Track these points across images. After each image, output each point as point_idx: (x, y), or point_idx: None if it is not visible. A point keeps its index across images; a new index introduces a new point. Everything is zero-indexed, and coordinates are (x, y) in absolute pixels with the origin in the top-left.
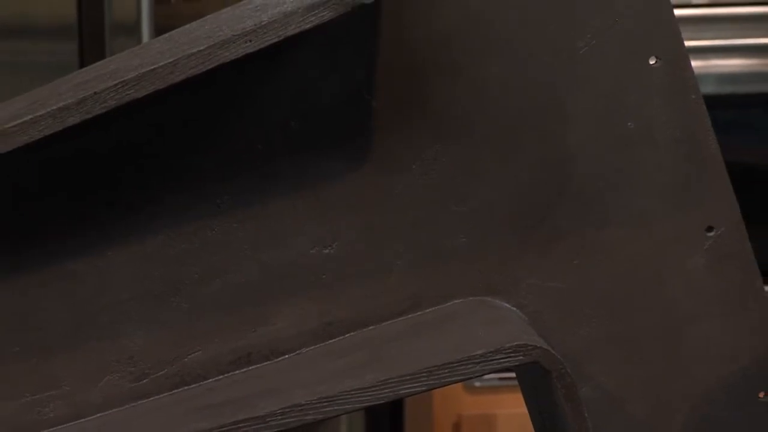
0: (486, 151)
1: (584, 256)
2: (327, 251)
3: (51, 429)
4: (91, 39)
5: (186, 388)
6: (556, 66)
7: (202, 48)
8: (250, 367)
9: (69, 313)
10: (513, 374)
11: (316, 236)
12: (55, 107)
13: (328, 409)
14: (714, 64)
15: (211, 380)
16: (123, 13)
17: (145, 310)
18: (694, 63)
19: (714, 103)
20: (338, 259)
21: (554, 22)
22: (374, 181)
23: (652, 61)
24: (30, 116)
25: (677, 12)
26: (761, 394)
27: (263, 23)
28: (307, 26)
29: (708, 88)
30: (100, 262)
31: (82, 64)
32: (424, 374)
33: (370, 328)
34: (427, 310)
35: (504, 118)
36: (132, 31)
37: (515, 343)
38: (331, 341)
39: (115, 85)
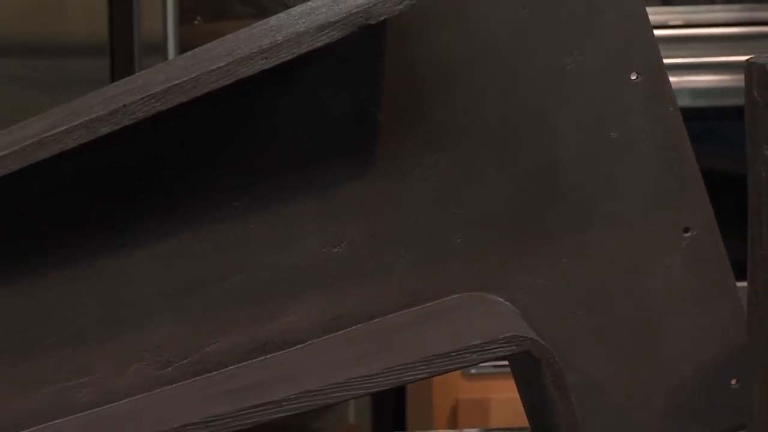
0: (481, 159)
1: (571, 255)
2: (335, 250)
3: (84, 413)
4: (122, 57)
5: (207, 375)
6: (545, 81)
7: (222, 64)
8: (266, 356)
9: (100, 308)
10: (506, 362)
11: (325, 237)
12: (87, 118)
13: (337, 394)
14: (688, 79)
15: (230, 368)
16: (151, 33)
17: (169, 305)
18: (671, 78)
19: (689, 115)
20: (345, 258)
21: (544, 42)
22: (378, 187)
23: (633, 77)
24: (65, 126)
25: (656, 32)
26: (733, 382)
27: (278, 42)
28: (318, 45)
29: (683, 102)
30: (128, 261)
31: (113, 79)
32: (426, 363)
33: (375, 320)
34: (428, 304)
35: (498, 129)
36: (159, 49)
37: (508, 335)
38: (339, 333)
39: (143, 98)
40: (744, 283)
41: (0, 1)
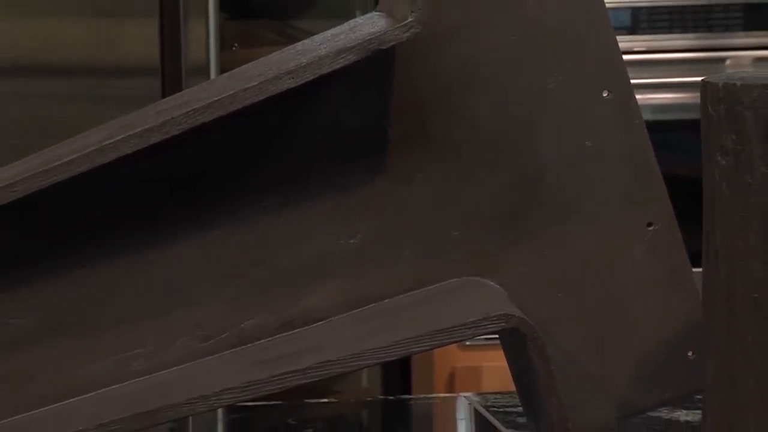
0: (475, 166)
1: (551, 247)
2: (351, 242)
3: (137, 379)
4: (171, 78)
5: (243, 347)
6: (530, 99)
7: (255, 83)
8: (293, 331)
9: (151, 290)
10: (497, 336)
11: (342, 231)
12: (141, 129)
13: (353, 363)
14: (651, 97)
15: (262, 341)
16: (196, 57)
17: (210, 288)
18: (637, 96)
19: (652, 127)
20: (359, 249)
21: (529, 65)
22: (387, 189)
23: (605, 94)
24: (121, 136)
25: (624, 56)
26: (690, 353)
27: (302, 64)
28: (337, 66)
29: (647, 116)
30: (175, 251)
31: (163, 97)
32: (428, 336)
33: (385, 301)
34: (429, 287)
35: (489, 141)
36: (203, 71)
37: (499, 313)
38: (354, 311)
39: (188, 112)
40: (699, 270)
41: (69, 31)
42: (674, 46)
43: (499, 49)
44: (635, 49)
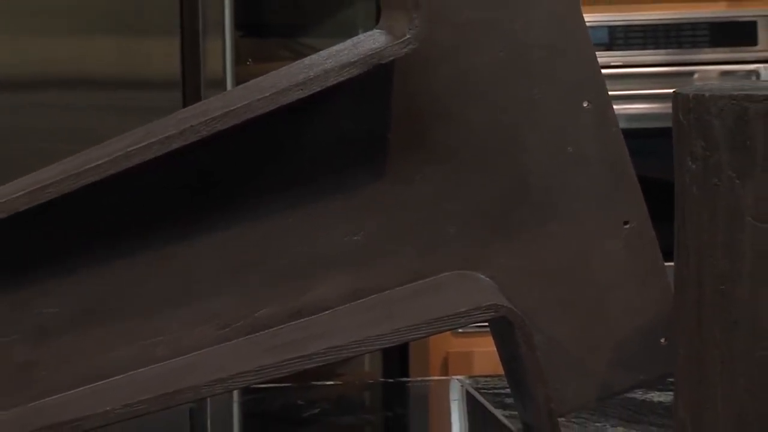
0: (468, 169)
1: (537, 242)
2: (355, 238)
3: (160, 363)
4: (191, 90)
5: (256, 334)
6: (518, 109)
7: (267, 94)
8: (301, 320)
9: (173, 283)
10: (487, 324)
11: (347, 228)
12: (162, 136)
13: (357, 349)
14: (627, 107)
15: (274, 329)
16: (213, 71)
17: (227, 281)
18: (614, 106)
19: (627, 134)
20: (363, 244)
21: (517, 78)
22: (389, 190)
23: (585, 104)
24: (145, 142)
25: (602, 70)
26: (663, 340)
27: (310, 77)
28: (341, 79)
29: (623, 124)
30: (196, 247)
31: (184, 107)
32: (425, 325)
33: (386, 292)
34: (427, 280)
35: (481, 146)
36: (220, 84)
37: (489, 303)
38: (358, 301)
39: (206, 120)
40: (671, 264)
41: (98, 48)
42: (647, 61)
43: (489, 64)
44: (612, 64)
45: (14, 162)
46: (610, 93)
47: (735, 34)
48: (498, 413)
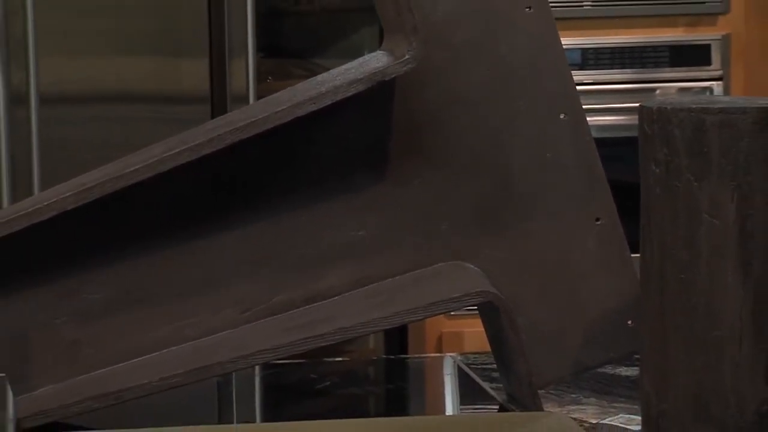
0: (460, 173)
1: (519, 237)
2: (360, 233)
3: (191, 342)
4: (218, 104)
5: (274, 317)
6: (503, 121)
7: (284, 107)
8: (314, 304)
9: (201, 272)
10: (476, 308)
11: (353, 224)
12: (192, 144)
13: (362, 330)
14: (597, 119)
15: (289, 312)
16: (238, 87)
17: (248, 270)
18: (587, 118)
19: (598, 142)
20: (366, 239)
21: (502, 94)
22: (389, 191)
23: (561, 116)
24: (177, 149)
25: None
26: (630, 322)
27: (322, 92)
28: (349, 94)
29: (594, 134)
30: (221, 240)
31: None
32: (422, 309)
33: (387, 280)
34: (423, 269)
35: (470, 154)
36: (243, 99)
37: (478, 290)
38: (362, 288)
39: (231, 130)
40: (637, 255)
41: (136, 67)
42: (615, 79)
43: (478, 82)
44: (585, 81)
45: (63, 168)
46: (583, 106)
47: (691, 55)
48: (485, 386)
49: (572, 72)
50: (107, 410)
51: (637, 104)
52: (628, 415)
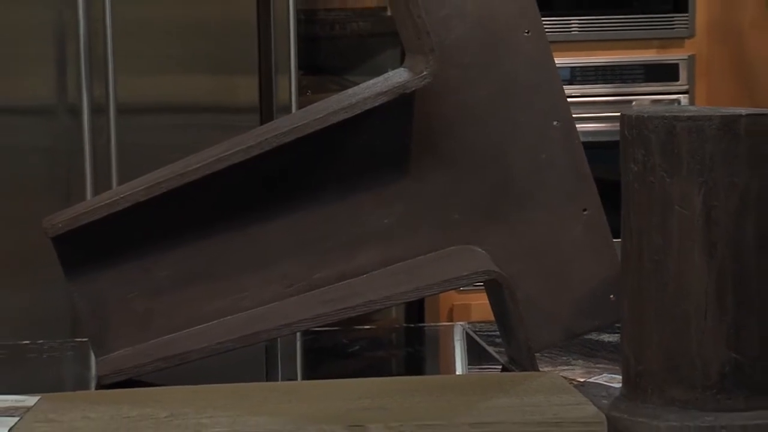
0: (469, 171)
1: (518, 226)
2: (386, 221)
3: (244, 312)
4: (266, 113)
5: (313, 291)
6: (505, 128)
7: (321, 115)
8: (347, 281)
9: (253, 253)
10: (482, 284)
11: (379, 214)
12: (244, 146)
13: (387, 302)
14: (584, 125)
15: (326, 287)
16: (283, 99)
17: (293, 251)
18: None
19: (585, 146)
20: (392, 226)
21: (506, 105)
22: (410, 185)
23: (555, 123)
24: (232, 150)
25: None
26: (612, 297)
27: (353, 102)
28: (376, 104)
29: (582, 138)
30: (270, 227)
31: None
32: (438, 284)
33: (409, 260)
34: (438, 251)
35: (477, 155)
36: (287, 109)
37: (484, 269)
38: (388, 267)
39: (276, 134)
40: (618, 240)
41: (197, 82)
42: (598, 92)
43: (484, 95)
44: (574, 94)
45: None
46: (573, 115)
47: (662, 73)
48: (490, 349)
49: (563, 86)
50: (173, 369)
51: (618, 113)
52: (610, 375)
